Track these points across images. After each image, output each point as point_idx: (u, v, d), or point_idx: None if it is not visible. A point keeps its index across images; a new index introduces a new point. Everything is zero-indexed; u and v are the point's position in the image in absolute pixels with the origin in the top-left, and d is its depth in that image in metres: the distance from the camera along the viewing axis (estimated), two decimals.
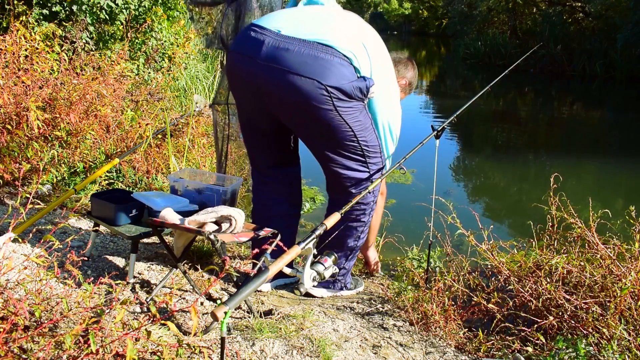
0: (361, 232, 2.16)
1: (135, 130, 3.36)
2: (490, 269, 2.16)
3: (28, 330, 1.39)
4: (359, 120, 1.91)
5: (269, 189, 2.23)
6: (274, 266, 1.45)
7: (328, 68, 1.80)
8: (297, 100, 1.83)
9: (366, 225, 2.16)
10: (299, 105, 1.85)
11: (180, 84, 5.29)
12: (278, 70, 1.81)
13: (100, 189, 2.99)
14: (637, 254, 1.94)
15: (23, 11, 3.79)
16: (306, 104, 1.83)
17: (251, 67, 1.87)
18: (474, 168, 5.82)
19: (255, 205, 2.28)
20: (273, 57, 1.82)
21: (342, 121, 1.88)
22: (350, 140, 1.93)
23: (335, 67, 1.80)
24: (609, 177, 5.26)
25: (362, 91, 1.87)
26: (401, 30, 45.85)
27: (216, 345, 1.65)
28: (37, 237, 2.31)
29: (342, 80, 1.82)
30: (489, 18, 18.57)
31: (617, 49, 12.06)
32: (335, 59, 1.81)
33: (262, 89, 1.89)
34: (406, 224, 3.36)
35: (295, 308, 2.00)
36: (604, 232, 2.14)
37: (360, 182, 2.02)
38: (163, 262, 2.32)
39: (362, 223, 2.13)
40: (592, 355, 1.61)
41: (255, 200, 2.29)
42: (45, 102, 2.89)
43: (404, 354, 1.79)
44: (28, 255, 1.45)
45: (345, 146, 1.95)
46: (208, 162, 3.58)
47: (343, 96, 1.84)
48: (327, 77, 1.80)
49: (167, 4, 4.85)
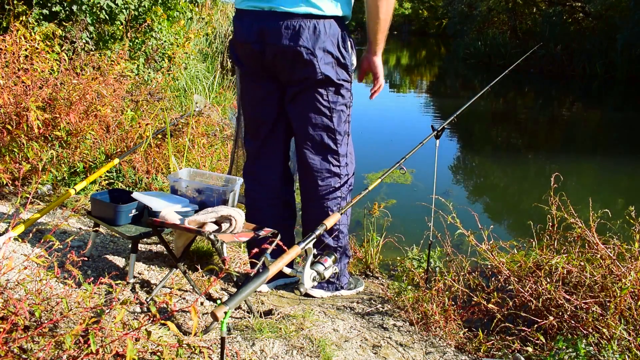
0: (339, 232, 2.16)
1: (135, 130, 3.36)
2: (490, 269, 2.16)
3: (28, 330, 1.39)
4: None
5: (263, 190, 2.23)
6: (274, 266, 1.45)
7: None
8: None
9: (342, 224, 2.15)
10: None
11: (180, 84, 5.29)
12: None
13: (100, 189, 2.99)
14: (637, 254, 1.94)
15: (23, 11, 3.79)
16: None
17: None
18: (474, 168, 5.82)
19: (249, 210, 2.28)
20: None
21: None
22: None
23: None
24: (609, 177, 5.26)
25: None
26: (401, 30, 45.82)
27: (216, 345, 1.65)
28: (37, 237, 2.31)
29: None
30: (489, 18, 18.57)
31: (617, 49, 12.06)
32: None
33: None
34: (406, 224, 3.36)
35: (295, 308, 2.00)
36: (604, 232, 2.14)
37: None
38: (163, 262, 2.32)
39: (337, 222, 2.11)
40: (592, 355, 1.61)
41: (248, 203, 2.28)
42: (45, 102, 2.89)
43: (404, 354, 1.79)
44: (28, 255, 1.45)
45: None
46: (208, 162, 3.58)
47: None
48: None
49: (167, 4, 4.85)
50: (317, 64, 1.90)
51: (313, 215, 2.14)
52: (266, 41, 1.91)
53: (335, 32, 1.91)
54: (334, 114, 2.02)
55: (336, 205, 2.12)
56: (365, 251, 2.73)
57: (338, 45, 1.93)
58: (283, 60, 1.93)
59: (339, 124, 2.04)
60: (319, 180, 2.09)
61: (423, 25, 40.80)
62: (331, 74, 1.94)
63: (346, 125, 2.08)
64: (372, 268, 2.70)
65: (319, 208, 2.12)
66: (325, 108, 2.00)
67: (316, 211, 2.13)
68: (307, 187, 2.15)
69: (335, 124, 2.04)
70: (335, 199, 2.11)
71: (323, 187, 2.10)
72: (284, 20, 1.87)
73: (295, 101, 2.03)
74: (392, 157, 2.17)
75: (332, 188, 2.10)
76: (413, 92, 12.11)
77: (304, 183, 2.16)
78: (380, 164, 4.88)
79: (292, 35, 1.87)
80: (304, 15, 1.86)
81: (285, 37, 1.88)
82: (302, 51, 1.88)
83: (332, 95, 1.99)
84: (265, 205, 2.21)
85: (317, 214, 2.10)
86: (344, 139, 2.09)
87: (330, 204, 2.11)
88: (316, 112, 2.01)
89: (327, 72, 1.93)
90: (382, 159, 5.36)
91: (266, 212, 2.20)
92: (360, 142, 6.19)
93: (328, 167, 2.09)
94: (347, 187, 2.14)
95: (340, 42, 1.93)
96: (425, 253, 2.42)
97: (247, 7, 1.93)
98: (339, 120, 2.04)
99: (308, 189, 2.14)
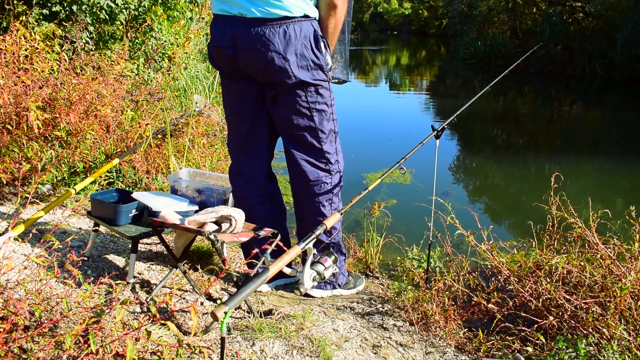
0: (332, 228, 2.14)
1: (135, 130, 3.36)
2: (490, 269, 2.16)
3: (28, 330, 1.39)
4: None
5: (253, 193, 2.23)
6: (274, 266, 1.45)
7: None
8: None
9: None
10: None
11: (180, 84, 5.29)
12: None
13: (100, 189, 2.99)
14: (637, 254, 1.94)
15: (23, 11, 3.79)
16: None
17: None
18: (473, 168, 5.82)
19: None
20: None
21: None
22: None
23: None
24: (609, 177, 5.26)
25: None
26: (401, 30, 45.87)
27: (216, 345, 1.65)
28: (37, 237, 2.31)
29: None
30: (489, 18, 18.56)
31: (617, 49, 12.06)
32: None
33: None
34: (406, 224, 3.36)
35: (295, 308, 2.00)
36: (604, 232, 2.14)
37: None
38: (163, 262, 2.32)
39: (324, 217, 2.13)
40: (592, 355, 1.61)
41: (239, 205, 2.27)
42: (45, 102, 2.89)
43: (404, 354, 1.79)
44: (28, 255, 1.45)
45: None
46: (208, 162, 3.58)
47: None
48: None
49: (167, 4, 4.85)
50: (290, 68, 1.91)
51: (306, 212, 2.17)
52: (238, 46, 1.92)
53: (307, 34, 1.91)
54: (315, 113, 2.03)
55: (327, 200, 2.13)
56: (365, 251, 2.73)
57: (311, 47, 1.93)
58: (256, 65, 1.94)
59: (320, 122, 2.06)
60: (308, 179, 2.11)
61: (423, 25, 40.82)
62: (305, 77, 1.95)
63: (330, 123, 2.09)
64: (372, 268, 2.70)
65: (311, 205, 2.14)
66: (305, 109, 2.01)
67: (308, 208, 2.15)
68: (297, 186, 2.16)
69: (317, 123, 2.05)
70: (326, 194, 2.13)
71: (313, 185, 2.11)
72: (254, 26, 1.87)
73: (275, 103, 2.04)
74: (392, 157, 2.17)
75: (321, 184, 2.12)
76: (413, 92, 12.11)
77: (294, 182, 2.17)
78: (380, 164, 4.88)
79: (263, 41, 1.87)
80: (273, 19, 1.86)
81: (256, 43, 1.88)
82: (273, 56, 1.89)
83: (311, 95, 2.00)
84: (253, 203, 2.21)
85: (310, 211, 2.13)
86: (329, 137, 2.10)
87: (321, 199, 2.13)
88: (297, 113, 2.02)
89: (301, 75, 1.94)
90: (382, 159, 5.37)
91: (255, 210, 2.20)
92: (360, 142, 6.20)
93: (316, 165, 2.10)
94: (337, 183, 2.16)
95: (312, 44, 1.94)
96: (425, 253, 2.42)
97: (220, 12, 1.96)
98: (321, 119, 2.05)
99: (299, 187, 2.16)
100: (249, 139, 2.16)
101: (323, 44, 1.98)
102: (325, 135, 2.08)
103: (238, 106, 2.12)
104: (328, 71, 2.02)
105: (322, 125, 2.06)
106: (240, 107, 2.12)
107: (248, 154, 2.18)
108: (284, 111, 2.03)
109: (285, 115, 2.04)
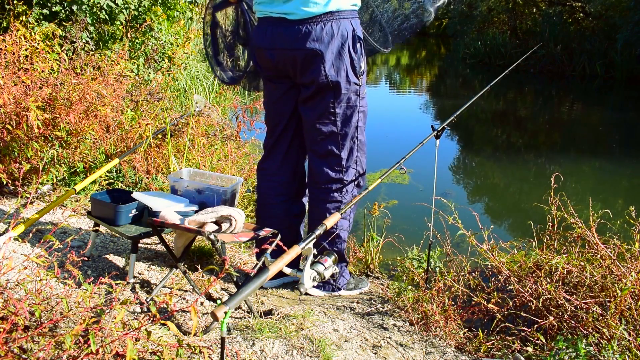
0: (337, 236, 2.17)
1: (135, 130, 3.36)
2: (490, 269, 2.16)
3: (28, 330, 1.39)
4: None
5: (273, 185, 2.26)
6: (274, 266, 1.45)
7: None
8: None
9: (342, 229, 2.17)
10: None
11: (180, 84, 5.29)
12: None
13: (100, 189, 2.99)
14: (637, 254, 1.94)
15: (23, 11, 3.79)
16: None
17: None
18: (474, 168, 5.82)
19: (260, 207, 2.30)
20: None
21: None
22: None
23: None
24: (609, 177, 5.26)
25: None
26: None
27: (216, 345, 1.65)
28: (37, 237, 2.31)
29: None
30: (489, 18, 18.55)
31: (617, 49, 12.04)
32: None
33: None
34: (406, 224, 3.36)
35: (295, 308, 2.00)
36: (604, 232, 2.14)
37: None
38: (163, 262, 2.32)
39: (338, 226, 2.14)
40: (592, 355, 1.61)
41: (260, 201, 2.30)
42: (45, 102, 2.89)
43: (404, 354, 1.79)
44: (28, 255, 1.45)
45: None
46: (208, 162, 3.58)
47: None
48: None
49: (167, 4, 4.85)
50: (324, 67, 1.93)
51: (314, 216, 2.19)
52: (276, 47, 1.96)
53: (345, 33, 1.92)
54: (339, 118, 2.03)
55: (335, 208, 2.14)
56: (365, 251, 2.73)
57: (348, 48, 1.94)
58: (292, 63, 1.97)
59: (343, 129, 2.06)
60: (321, 183, 2.13)
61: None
62: (337, 78, 1.96)
63: (355, 130, 2.08)
64: (372, 268, 2.70)
65: (320, 209, 2.15)
66: (330, 113, 2.02)
67: (318, 212, 2.16)
68: (311, 189, 2.20)
69: (339, 128, 2.05)
70: (335, 202, 2.13)
71: (323, 190, 2.13)
72: (294, 25, 1.90)
73: (305, 104, 2.07)
74: (392, 157, 2.17)
75: (332, 191, 2.12)
76: (413, 92, 12.10)
77: (309, 184, 2.21)
78: (379, 164, 4.88)
79: (300, 39, 1.90)
80: (311, 18, 1.88)
81: (293, 41, 1.91)
82: (309, 54, 1.91)
83: (340, 100, 2.01)
84: (272, 200, 2.25)
85: (318, 215, 2.14)
86: (348, 144, 2.09)
87: (329, 206, 2.14)
88: (322, 116, 2.04)
89: (334, 75, 1.95)
90: (382, 159, 5.36)
91: (272, 207, 2.24)
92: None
93: (329, 170, 2.11)
94: (349, 192, 2.15)
95: (350, 44, 1.94)
96: (425, 253, 2.42)
97: (261, 15, 2.01)
98: (345, 126, 2.05)
99: (312, 191, 2.20)
100: (282, 138, 2.20)
101: (360, 46, 1.98)
102: (345, 142, 2.08)
103: (276, 107, 2.17)
104: (361, 75, 2.02)
105: (343, 131, 2.07)
106: (278, 108, 2.17)
107: (277, 153, 2.23)
108: (311, 112, 2.06)
109: (311, 116, 2.06)
